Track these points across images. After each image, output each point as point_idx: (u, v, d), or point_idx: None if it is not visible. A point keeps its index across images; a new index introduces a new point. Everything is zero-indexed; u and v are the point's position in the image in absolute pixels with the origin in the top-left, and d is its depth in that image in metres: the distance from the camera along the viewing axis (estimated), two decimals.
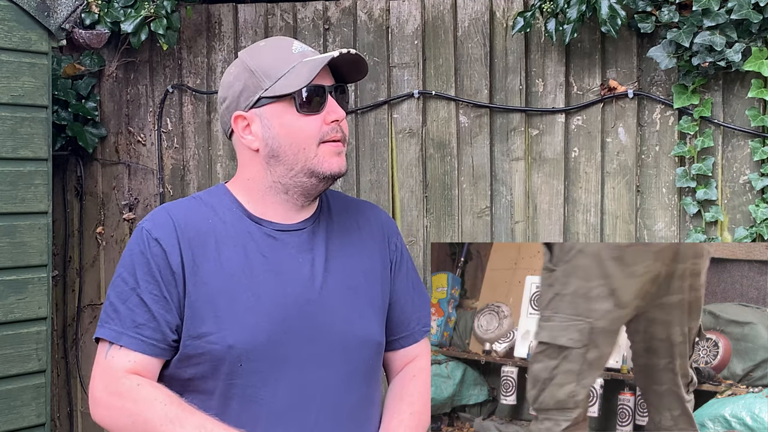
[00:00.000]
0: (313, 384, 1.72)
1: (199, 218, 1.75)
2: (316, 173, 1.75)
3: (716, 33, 3.11)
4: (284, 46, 1.75)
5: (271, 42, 1.79)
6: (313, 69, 1.70)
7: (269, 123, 1.73)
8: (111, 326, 1.71)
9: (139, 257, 1.71)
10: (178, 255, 1.70)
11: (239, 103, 1.75)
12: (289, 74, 1.71)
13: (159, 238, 1.70)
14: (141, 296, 1.69)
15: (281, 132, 1.73)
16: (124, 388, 1.67)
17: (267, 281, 1.71)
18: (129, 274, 1.71)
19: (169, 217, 1.73)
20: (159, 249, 1.70)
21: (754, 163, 3.22)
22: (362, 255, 1.83)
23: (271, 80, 1.71)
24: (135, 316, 1.69)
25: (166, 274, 1.69)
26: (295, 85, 1.70)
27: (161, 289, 1.69)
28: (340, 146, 1.78)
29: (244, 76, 1.74)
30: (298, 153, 1.73)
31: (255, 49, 1.78)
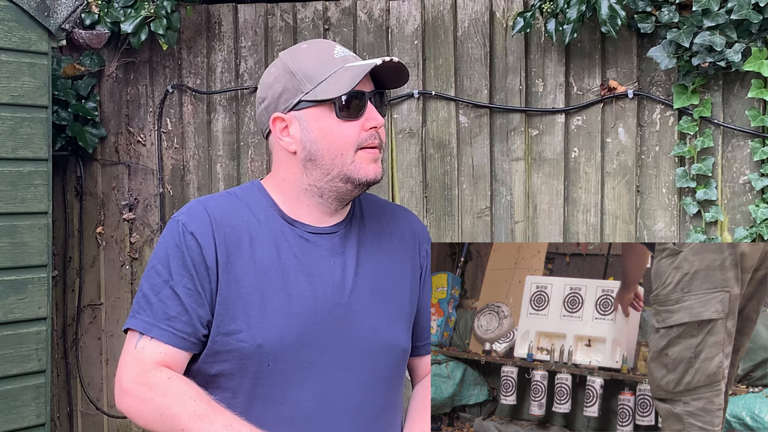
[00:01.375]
0: (338, 388, 1.72)
1: (234, 215, 1.74)
2: (352, 179, 1.75)
3: (716, 33, 3.11)
4: (326, 50, 1.74)
5: (314, 44, 1.78)
6: (355, 76, 1.70)
7: (308, 126, 1.73)
8: (142, 317, 1.71)
9: (174, 250, 1.70)
10: (213, 250, 1.70)
11: (278, 105, 1.74)
12: (331, 79, 1.70)
13: (194, 231, 1.70)
14: (174, 289, 1.69)
15: (320, 136, 1.72)
16: (155, 381, 1.66)
17: (298, 282, 1.72)
18: (163, 266, 1.70)
19: (206, 212, 1.73)
20: (194, 243, 1.69)
21: (754, 163, 3.22)
22: (393, 260, 1.84)
23: (312, 84, 1.71)
24: (167, 309, 1.69)
25: (201, 268, 1.69)
26: (336, 91, 1.70)
27: (195, 283, 1.69)
28: (377, 153, 1.78)
29: (285, 78, 1.73)
30: (335, 158, 1.73)
31: (297, 51, 1.77)
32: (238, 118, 3.88)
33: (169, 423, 1.62)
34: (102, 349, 4.11)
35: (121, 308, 4.09)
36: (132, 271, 4.06)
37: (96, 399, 4.11)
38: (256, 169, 3.86)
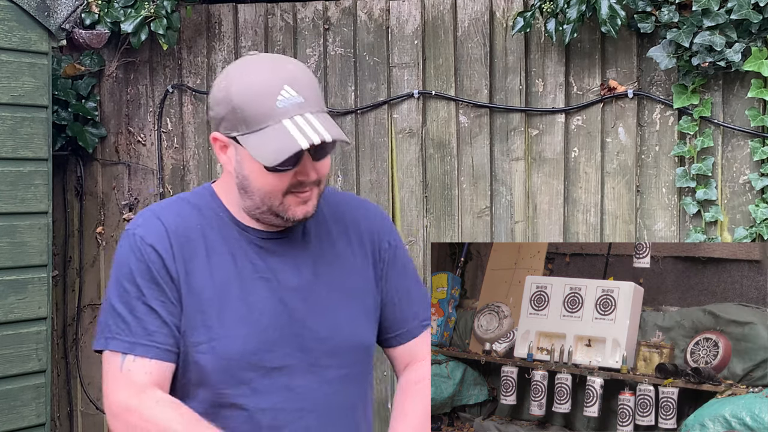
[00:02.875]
0: (304, 390, 1.72)
1: (188, 224, 1.74)
2: (281, 216, 1.73)
3: (716, 33, 3.11)
4: (271, 94, 1.65)
5: (261, 81, 1.67)
6: (281, 150, 1.62)
7: (241, 161, 1.70)
8: (122, 337, 1.68)
9: (138, 264, 1.69)
10: (173, 261, 1.69)
11: (219, 127, 1.72)
12: (264, 133, 1.64)
13: (153, 244, 1.69)
14: (148, 303, 1.68)
15: (250, 175, 1.70)
16: (144, 406, 1.65)
17: (256, 289, 1.72)
18: (130, 283, 1.69)
19: (160, 223, 1.72)
20: (156, 255, 1.69)
21: (754, 163, 3.22)
22: (350, 258, 1.83)
23: (248, 128, 1.66)
24: (146, 324, 1.67)
25: (167, 279, 1.69)
26: (264, 157, 1.64)
27: (166, 294, 1.68)
28: (308, 196, 1.72)
29: (227, 107, 1.69)
30: (264, 197, 1.71)
31: (244, 80, 1.68)
32: None
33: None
34: None
35: None
36: None
37: (96, 399, 4.11)
38: None
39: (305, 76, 1.70)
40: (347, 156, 3.72)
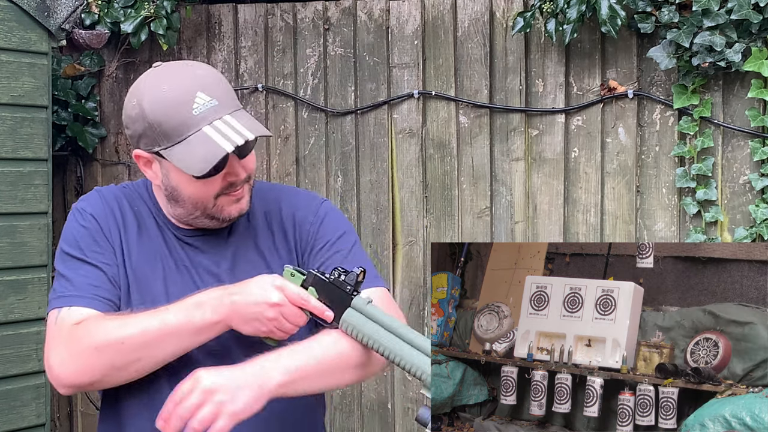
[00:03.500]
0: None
1: (125, 202, 1.80)
2: (216, 218, 1.75)
3: (716, 33, 3.11)
4: (186, 102, 1.64)
5: (173, 92, 1.66)
6: (207, 159, 1.63)
7: (168, 174, 1.71)
8: (66, 294, 1.70)
9: (80, 230, 1.75)
10: (110, 229, 1.75)
11: (139, 144, 1.72)
12: (188, 143, 1.64)
13: (94, 213, 1.76)
14: (92, 263, 1.72)
15: (179, 185, 1.71)
16: (78, 335, 1.64)
17: (175, 280, 1.75)
18: (73, 248, 1.75)
19: (100, 197, 1.79)
20: (96, 223, 1.75)
21: (754, 163, 3.22)
22: (271, 252, 1.83)
23: (169, 142, 1.66)
24: (90, 281, 1.71)
25: (106, 244, 1.74)
26: (191, 168, 1.64)
27: (108, 256, 1.73)
28: (240, 194, 1.74)
29: (143, 124, 1.68)
30: (196, 204, 1.72)
31: (155, 95, 1.67)
32: None
33: (116, 357, 1.62)
34: None
35: None
36: None
37: (96, 399, 4.11)
38: (256, 169, 3.86)
39: (215, 77, 1.71)
40: (347, 156, 3.72)
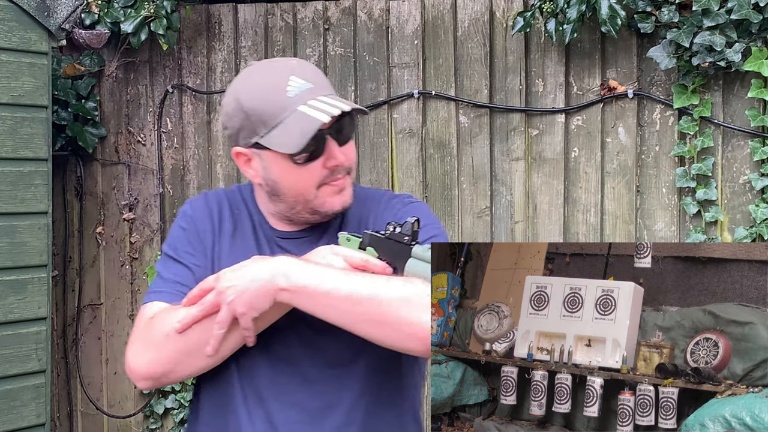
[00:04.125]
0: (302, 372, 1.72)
1: (227, 206, 1.82)
2: (318, 212, 1.74)
3: (716, 33, 3.11)
4: (279, 85, 1.66)
5: (266, 76, 1.70)
6: (305, 132, 1.63)
7: (268, 166, 1.71)
8: (154, 290, 1.75)
9: (179, 232, 1.80)
10: (205, 232, 1.78)
11: (238, 140, 1.72)
12: (283, 126, 1.65)
13: (194, 216, 1.80)
14: (182, 261, 1.76)
15: (280, 177, 1.71)
16: (152, 326, 1.68)
17: None
18: (171, 248, 1.79)
19: (205, 201, 1.82)
20: (193, 226, 1.79)
21: (754, 163, 3.22)
22: None
23: (266, 127, 1.66)
24: (179, 279, 1.74)
25: (200, 246, 1.77)
26: (288, 145, 1.64)
27: (199, 258, 1.76)
28: (342, 184, 1.73)
29: (240, 115, 1.69)
30: (297, 196, 1.72)
31: (249, 84, 1.70)
32: None
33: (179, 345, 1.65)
34: (102, 349, 4.11)
35: (121, 308, 4.08)
36: (132, 271, 4.06)
37: (96, 399, 4.10)
38: None
39: (308, 65, 1.73)
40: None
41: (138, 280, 4.05)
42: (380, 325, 1.56)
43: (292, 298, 1.58)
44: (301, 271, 1.58)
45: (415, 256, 1.61)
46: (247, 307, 1.59)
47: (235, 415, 1.72)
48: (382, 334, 1.58)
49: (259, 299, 1.59)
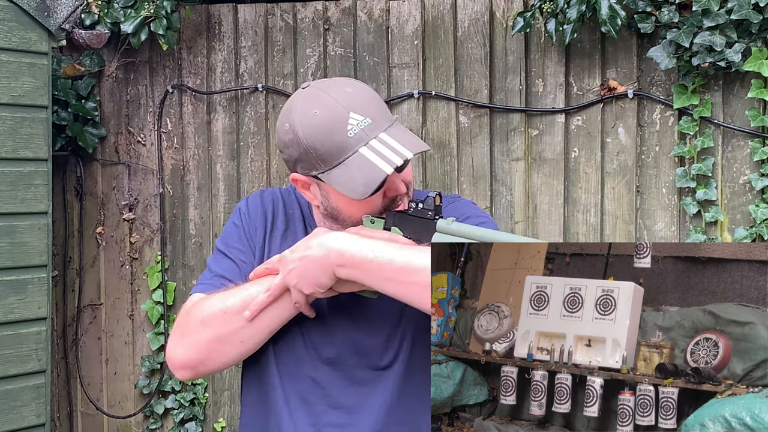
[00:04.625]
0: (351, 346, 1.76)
1: (282, 205, 1.84)
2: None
3: (716, 33, 3.11)
4: (340, 124, 1.62)
5: (326, 116, 1.64)
6: (370, 182, 1.62)
7: (327, 195, 1.71)
8: (201, 282, 1.79)
9: (232, 228, 1.83)
10: (256, 229, 1.81)
11: (296, 168, 1.71)
12: (346, 166, 1.62)
13: (248, 213, 1.83)
14: (230, 256, 1.79)
15: (340, 206, 1.71)
16: (190, 314, 1.72)
17: None
18: (223, 243, 1.83)
19: (261, 199, 1.85)
20: (246, 222, 1.82)
21: (754, 163, 3.22)
22: None
23: (326, 165, 1.64)
24: (225, 273, 1.77)
25: (250, 243, 1.80)
26: (353, 192, 1.63)
27: (248, 254, 1.79)
28: (402, 207, 1.73)
29: (299, 149, 1.66)
30: (356, 222, 1.73)
31: (308, 118, 1.64)
32: (238, 118, 3.88)
33: (220, 328, 1.68)
34: (102, 349, 4.11)
35: (121, 308, 4.08)
36: (132, 271, 4.06)
37: (96, 399, 4.10)
38: (256, 169, 3.86)
39: (366, 93, 1.69)
40: None
41: (138, 280, 4.05)
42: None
43: (351, 273, 1.61)
44: (356, 246, 1.61)
45: (440, 230, 1.65)
46: (312, 287, 1.63)
47: (276, 417, 1.74)
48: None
49: (319, 277, 1.62)
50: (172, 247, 4.00)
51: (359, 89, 1.69)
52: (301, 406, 1.72)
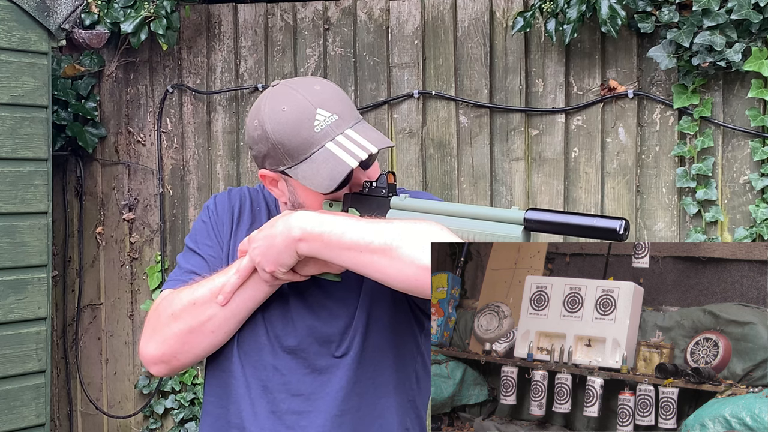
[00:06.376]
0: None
1: (249, 202, 1.86)
2: None
3: (716, 33, 3.11)
4: (307, 120, 1.65)
5: (293, 111, 1.67)
6: (335, 176, 1.65)
7: (294, 190, 1.74)
8: (171, 278, 1.81)
9: (200, 225, 1.85)
10: (224, 225, 1.83)
11: (264, 164, 1.74)
12: (312, 161, 1.66)
13: (215, 210, 1.85)
14: (199, 253, 1.81)
15: (306, 201, 1.74)
16: (160, 309, 1.74)
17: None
18: (191, 240, 1.84)
19: (228, 196, 1.87)
20: (214, 219, 1.84)
21: (754, 163, 3.22)
22: None
23: (294, 160, 1.67)
24: (194, 269, 1.79)
25: (218, 239, 1.82)
26: (319, 186, 1.66)
27: (216, 249, 1.82)
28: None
29: (267, 145, 1.69)
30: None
31: (276, 114, 1.68)
32: (238, 118, 3.88)
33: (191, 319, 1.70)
34: (102, 349, 4.11)
35: (121, 308, 4.08)
36: (132, 271, 4.06)
37: (96, 399, 4.10)
38: (256, 169, 3.86)
39: (333, 91, 1.72)
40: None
41: (138, 280, 4.05)
42: (392, 264, 1.58)
43: (311, 247, 1.61)
44: (317, 220, 1.62)
45: (394, 207, 1.69)
46: (273, 264, 1.64)
47: (237, 405, 1.76)
48: (393, 273, 1.59)
49: (281, 254, 1.63)
50: (172, 247, 4.00)
51: (327, 87, 1.72)
52: (263, 394, 1.74)
